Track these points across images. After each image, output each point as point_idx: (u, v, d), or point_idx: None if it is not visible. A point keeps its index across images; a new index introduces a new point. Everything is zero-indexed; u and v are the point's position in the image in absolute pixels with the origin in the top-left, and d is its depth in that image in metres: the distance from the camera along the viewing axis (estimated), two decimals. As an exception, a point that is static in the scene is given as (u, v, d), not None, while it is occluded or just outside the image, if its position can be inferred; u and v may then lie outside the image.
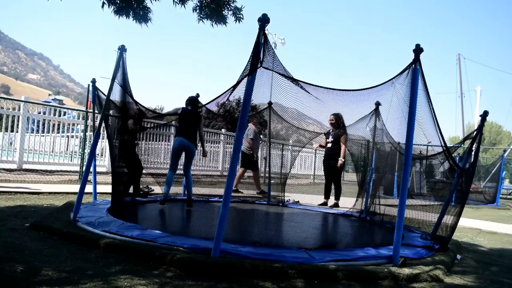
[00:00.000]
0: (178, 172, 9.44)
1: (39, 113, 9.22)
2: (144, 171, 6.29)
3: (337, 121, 7.31)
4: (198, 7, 5.77)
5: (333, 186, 7.62)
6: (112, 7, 5.44)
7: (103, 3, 5.33)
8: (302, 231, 4.79)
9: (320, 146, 7.80)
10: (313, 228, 5.27)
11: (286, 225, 5.49)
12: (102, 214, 4.31)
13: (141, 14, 5.57)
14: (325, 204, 7.44)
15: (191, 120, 5.18)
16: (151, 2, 5.54)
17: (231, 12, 5.82)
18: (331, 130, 7.48)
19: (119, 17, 5.49)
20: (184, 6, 5.68)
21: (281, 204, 7.08)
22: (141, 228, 3.77)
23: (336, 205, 7.34)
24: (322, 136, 7.58)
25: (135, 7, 5.50)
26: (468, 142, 4.79)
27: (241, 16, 5.88)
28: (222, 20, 5.81)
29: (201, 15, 5.80)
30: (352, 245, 4.10)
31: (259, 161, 9.57)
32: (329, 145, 7.48)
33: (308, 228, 5.11)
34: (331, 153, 7.43)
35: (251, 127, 8.62)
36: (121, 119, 5.11)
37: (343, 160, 7.31)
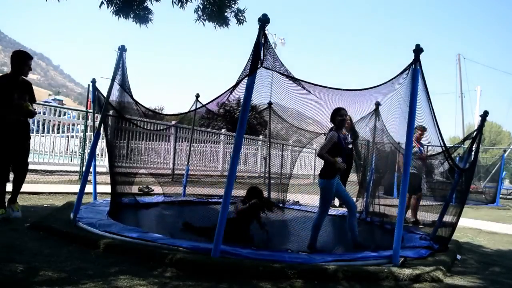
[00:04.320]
0: (178, 172, 9.55)
1: (39, 113, 9.22)
2: (144, 171, 6.28)
3: (352, 122, 7.19)
4: (200, 9, 5.73)
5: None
6: (112, 7, 5.42)
7: (102, 2, 5.31)
8: (302, 233, 4.78)
9: None
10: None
11: (286, 226, 5.48)
12: (103, 216, 4.29)
13: (142, 15, 5.55)
14: (334, 205, 7.39)
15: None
16: (151, 3, 5.51)
17: (233, 14, 5.79)
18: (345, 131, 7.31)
19: (118, 17, 5.48)
20: (183, 7, 5.63)
21: (281, 205, 7.07)
22: (141, 230, 3.75)
23: (341, 205, 7.36)
24: (322, 136, 7.53)
25: (135, 8, 5.48)
26: (468, 142, 4.80)
27: (243, 18, 5.82)
28: (223, 22, 5.77)
29: (203, 17, 5.77)
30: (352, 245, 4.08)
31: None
32: (350, 146, 7.30)
33: (308, 230, 5.10)
34: (350, 155, 7.30)
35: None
36: None
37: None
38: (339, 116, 3.87)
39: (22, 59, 4.15)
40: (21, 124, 4.18)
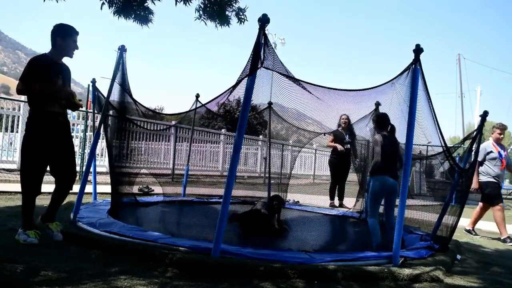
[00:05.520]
0: (178, 172, 9.53)
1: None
2: (144, 171, 6.27)
3: (350, 122, 7.17)
4: (201, 8, 5.72)
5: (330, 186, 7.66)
6: (112, 8, 5.42)
7: (102, 3, 5.30)
8: (302, 233, 4.78)
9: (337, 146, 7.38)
10: (314, 229, 5.26)
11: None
12: (103, 215, 4.30)
13: (142, 15, 5.54)
14: (334, 205, 7.42)
15: (392, 149, 3.98)
16: (153, 3, 5.50)
17: (234, 13, 5.78)
18: (341, 130, 7.31)
19: (118, 17, 5.47)
20: (189, 4, 5.58)
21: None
22: (142, 229, 3.76)
23: (341, 205, 7.37)
24: (322, 136, 7.51)
25: (136, 9, 5.47)
26: (468, 142, 4.80)
27: (244, 17, 5.81)
28: (225, 21, 5.76)
29: (204, 16, 5.76)
30: (352, 245, 4.09)
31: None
32: (348, 146, 7.30)
33: (308, 230, 5.11)
34: (348, 155, 7.31)
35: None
36: None
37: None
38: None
39: (66, 34, 3.18)
40: (66, 121, 3.42)
